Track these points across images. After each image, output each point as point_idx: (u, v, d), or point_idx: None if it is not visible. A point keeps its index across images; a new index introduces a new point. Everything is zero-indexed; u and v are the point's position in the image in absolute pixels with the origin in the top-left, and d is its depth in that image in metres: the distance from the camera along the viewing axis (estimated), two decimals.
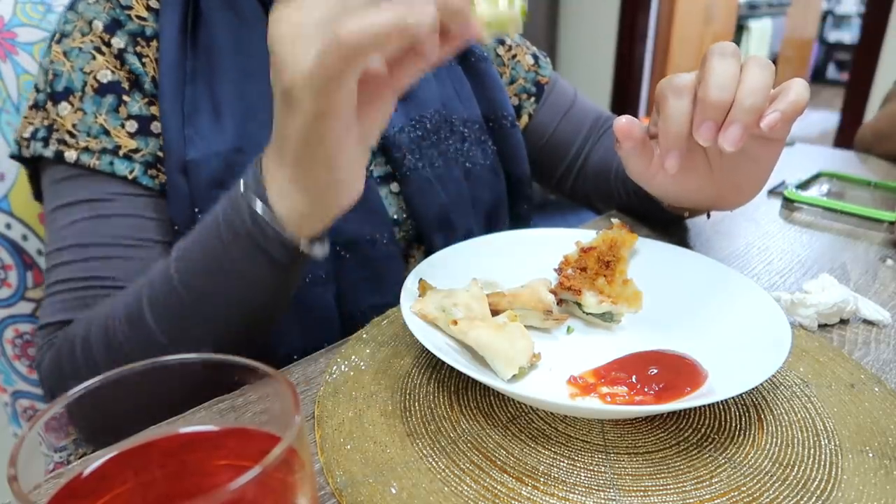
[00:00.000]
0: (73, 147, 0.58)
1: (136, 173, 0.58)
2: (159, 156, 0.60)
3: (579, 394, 0.44)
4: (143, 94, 0.60)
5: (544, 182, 0.89)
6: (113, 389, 0.26)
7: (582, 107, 0.86)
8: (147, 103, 0.60)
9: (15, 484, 0.20)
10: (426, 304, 0.48)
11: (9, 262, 0.75)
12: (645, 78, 3.72)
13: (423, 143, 0.70)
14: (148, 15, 0.61)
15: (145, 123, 0.59)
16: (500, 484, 0.37)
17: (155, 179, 0.59)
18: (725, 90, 0.47)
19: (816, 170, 0.95)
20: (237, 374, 0.26)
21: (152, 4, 0.61)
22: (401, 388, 0.45)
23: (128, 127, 0.59)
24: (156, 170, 0.60)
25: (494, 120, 0.77)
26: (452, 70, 0.75)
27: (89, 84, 0.58)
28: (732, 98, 0.47)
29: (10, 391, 0.80)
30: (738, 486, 0.37)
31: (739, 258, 0.69)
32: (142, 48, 0.60)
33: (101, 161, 0.57)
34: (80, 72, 0.58)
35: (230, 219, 0.45)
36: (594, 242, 0.57)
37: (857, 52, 2.69)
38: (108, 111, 0.58)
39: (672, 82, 0.51)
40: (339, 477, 0.37)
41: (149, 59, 0.60)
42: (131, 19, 0.60)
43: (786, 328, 0.44)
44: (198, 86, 0.60)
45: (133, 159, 0.58)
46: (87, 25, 0.59)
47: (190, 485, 0.26)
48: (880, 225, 0.76)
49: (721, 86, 0.47)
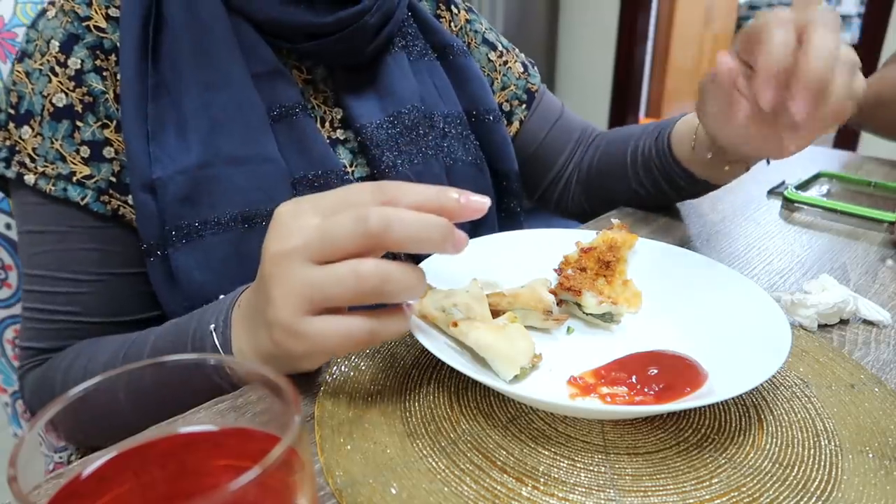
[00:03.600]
0: (33, 171, 0.58)
1: (88, 199, 0.59)
2: (112, 181, 0.60)
3: (579, 394, 0.44)
4: (96, 116, 0.59)
5: (529, 192, 0.89)
6: (113, 390, 0.26)
7: (569, 118, 0.87)
8: (101, 126, 0.59)
9: (15, 484, 0.20)
10: (426, 305, 0.48)
11: (9, 262, 0.75)
12: (645, 78, 3.73)
13: (402, 140, 0.69)
14: (107, 25, 0.60)
15: (98, 148, 0.59)
16: (500, 484, 0.37)
17: (107, 206, 0.60)
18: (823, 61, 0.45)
19: (816, 170, 0.95)
20: (237, 374, 0.26)
21: (112, 13, 0.60)
22: (401, 389, 0.45)
23: (81, 153, 0.59)
24: (108, 195, 0.60)
25: (476, 115, 0.76)
26: (432, 66, 0.75)
27: (46, 108, 0.58)
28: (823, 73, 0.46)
29: (10, 391, 0.80)
30: (738, 486, 0.37)
31: (739, 258, 0.69)
32: (101, 62, 0.59)
33: (56, 187, 0.58)
34: (40, 95, 0.58)
35: (199, 348, 0.48)
36: (594, 243, 0.57)
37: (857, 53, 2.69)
38: (64, 137, 0.58)
39: (776, 16, 0.47)
40: (339, 477, 0.37)
41: (109, 72, 0.59)
42: (90, 31, 0.59)
43: (786, 328, 0.44)
44: (161, 102, 0.59)
45: (85, 185, 0.59)
46: (45, 44, 0.58)
47: (190, 485, 0.26)
48: (880, 225, 0.76)
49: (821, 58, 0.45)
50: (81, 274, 0.60)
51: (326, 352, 0.42)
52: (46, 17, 0.60)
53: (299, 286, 0.39)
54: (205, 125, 0.59)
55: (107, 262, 0.61)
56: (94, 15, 0.59)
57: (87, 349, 0.58)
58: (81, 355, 0.58)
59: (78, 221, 0.59)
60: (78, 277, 0.59)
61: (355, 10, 0.63)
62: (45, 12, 0.60)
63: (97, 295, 0.60)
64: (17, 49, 0.61)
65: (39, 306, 0.60)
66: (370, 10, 0.64)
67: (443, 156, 0.72)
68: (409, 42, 0.73)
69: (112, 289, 0.60)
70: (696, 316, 0.51)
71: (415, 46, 0.74)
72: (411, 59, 0.73)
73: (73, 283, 0.59)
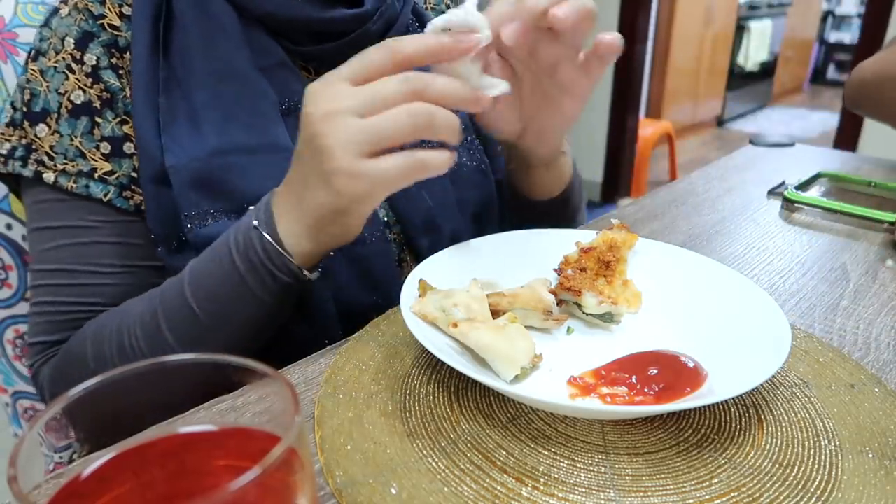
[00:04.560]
0: (52, 169, 0.58)
1: (111, 195, 0.59)
2: (133, 176, 0.60)
3: (579, 394, 0.44)
4: (115, 112, 0.59)
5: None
6: (113, 390, 0.26)
7: None
8: (120, 122, 0.60)
9: (15, 484, 0.20)
10: (426, 305, 0.48)
11: (9, 262, 0.75)
12: (645, 78, 3.73)
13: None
14: (121, 24, 0.60)
15: (118, 144, 0.59)
16: (500, 484, 0.37)
17: (129, 201, 0.60)
18: None
19: (816, 170, 0.95)
20: (237, 374, 0.26)
21: (125, 11, 0.60)
22: (401, 389, 0.45)
23: (102, 149, 0.59)
24: (130, 191, 0.60)
25: None
26: None
27: (64, 105, 0.58)
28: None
29: (10, 391, 0.80)
30: (738, 486, 0.37)
31: (739, 258, 0.69)
32: (117, 60, 0.59)
33: (77, 184, 0.58)
34: (56, 93, 0.58)
35: (244, 250, 0.51)
36: (594, 243, 0.57)
37: (857, 53, 2.70)
38: (83, 133, 0.58)
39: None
40: (339, 477, 0.37)
41: (124, 70, 0.60)
42: (104, 29, 0.59)
43: (786, 328, 0.44)
44: (172, 94, 0.60)
45: (108, 182, 0.59)
46: (59, 42, 0.58)
47: (190, 485, 0.26)
48: (880, 225, 0.76)
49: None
50: (103, 267, 0.59)
51: (387, 185, 0.47)
52: (60, 15, 0.60)
53: (356, 133, 0.44)
54: (217, 116, 0.59)
55: (129, 254, 0.60)
56: (108, 13, 0.60)
57: (110, 317, 0.58)
58: (106, 324, 0.57)
59: (100, 216, 0.59)
60: (99, 270, 0.59)
61: (356, 12, 0.63)
62: (59, 11, 0.60)
63: (118, 286, 0.60)
64: (30, 48, 0.61)
65: (52, 299, 0.60)
66: (372, 16, 0.64)
67: None
68: None
69: (134, 280, 0.60)
70: (696, 316, 0.51)
71: None
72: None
73: (92, 275, 0.59)
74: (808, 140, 1.12)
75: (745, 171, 1.00)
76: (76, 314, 0.60)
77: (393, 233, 0.67)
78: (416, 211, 0.67)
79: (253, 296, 0.51)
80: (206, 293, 0.52)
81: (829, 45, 6.86)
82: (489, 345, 0.44)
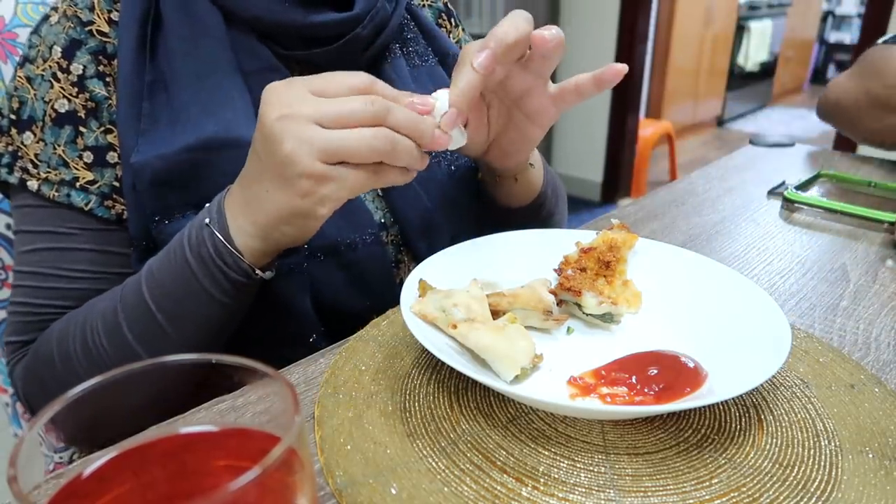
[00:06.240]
0: (35, 177, 0.58)
1: (92, 205, 0.59)
2: (116, 185, 0.60)
3: (579, 394, 0.44)
4: (99, 122, 0.59)
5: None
6: (113, 390, 0.26)
7: None
8: (104, 131, 0.60)
9: (15, 484, 0.20)
10: (426, 305, 0.48)
11: (9, 262, 0.75)
12: (645, 78, 3.73)
13: None
14: (110, 30, 0.60)
15: (101, 154, 0.59)
16: (500, 484, 0.37)
17: (111, 210, 0.60)
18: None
19: (816, 170, 0.95)
20: (237, 374, 0.26)
21: (114, 17, 0.60)
22: (401, 389, 0.45)
23: (85, 158, 0.59)
24: (112, 200, 0.60)
25: None
26: (433, 70, 0.74)
27: (48, 114, 0.58)
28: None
29: (10, 392, 0.80)
30: (738, 486, 0.37)
31: (739, 258, 0.69)
32: (104, 67, 0.59)
33: (59, 193, 0.58)
34: (42, 101, 0.58)
35: (196, 247, 0.51)
36: (594, 243, 0.57)
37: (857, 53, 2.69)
38: (67, 142, 0.58)
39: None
40: (339, 477, 0.37)
41: (111, 77, 0.60)
42: (93, 36, 0.59)
43: (786, 328, 0.44)
44: (157, 98, 0.59)
45: (89, 191, 0.59)
46: (48, 50, 0.58)
47: (190, 485, 0.26)
48: (880, 225, 0.76)
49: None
50: (76, 272, 0.60)
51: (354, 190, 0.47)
52: (49, 22, 0.60)
53: (319, 140, 0.44)
54: (195, 113, 0.59)
55: (105, 262, 0.61)
56: (96, 19, 0.59)
57: (75, 315, 0.58)
58: (71, 322, 0.58)
59: (80, 224, 0.60)
60: (72, 275, 0.60)
61: (344, 16, 0.62)
62: (48, 17, 0.60)
63: (90, 291, 0.60)
64: (21, 54, 0.61)
65: (26, 300, 0.60)
66: (362, 20, 0.63)
67: (446, 162, 0.72)
68: (409, 47, 0.73)
69: (108, 286, 0.60)
70: (696, 316, 0.51)
71: (415, 51, 0.74)
72: (411, 66, 0.73)
73: (66, 279, 0.60)
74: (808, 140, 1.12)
75: (745, 171, 1.00)
76: (46, 316, 0.60)
77: (391, 234, 0.67)
78: (415, 212, 0.67)
79: (206, 293, 0.51)
80: (161, 290, 0.53)
81: (829, 46, 6.86)
82: (489, 345, 0.44)
